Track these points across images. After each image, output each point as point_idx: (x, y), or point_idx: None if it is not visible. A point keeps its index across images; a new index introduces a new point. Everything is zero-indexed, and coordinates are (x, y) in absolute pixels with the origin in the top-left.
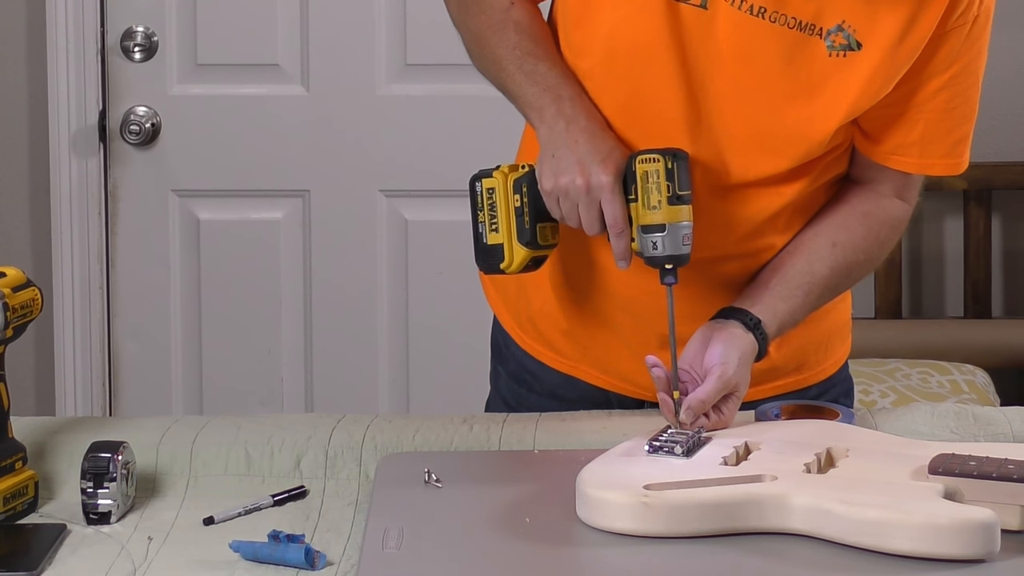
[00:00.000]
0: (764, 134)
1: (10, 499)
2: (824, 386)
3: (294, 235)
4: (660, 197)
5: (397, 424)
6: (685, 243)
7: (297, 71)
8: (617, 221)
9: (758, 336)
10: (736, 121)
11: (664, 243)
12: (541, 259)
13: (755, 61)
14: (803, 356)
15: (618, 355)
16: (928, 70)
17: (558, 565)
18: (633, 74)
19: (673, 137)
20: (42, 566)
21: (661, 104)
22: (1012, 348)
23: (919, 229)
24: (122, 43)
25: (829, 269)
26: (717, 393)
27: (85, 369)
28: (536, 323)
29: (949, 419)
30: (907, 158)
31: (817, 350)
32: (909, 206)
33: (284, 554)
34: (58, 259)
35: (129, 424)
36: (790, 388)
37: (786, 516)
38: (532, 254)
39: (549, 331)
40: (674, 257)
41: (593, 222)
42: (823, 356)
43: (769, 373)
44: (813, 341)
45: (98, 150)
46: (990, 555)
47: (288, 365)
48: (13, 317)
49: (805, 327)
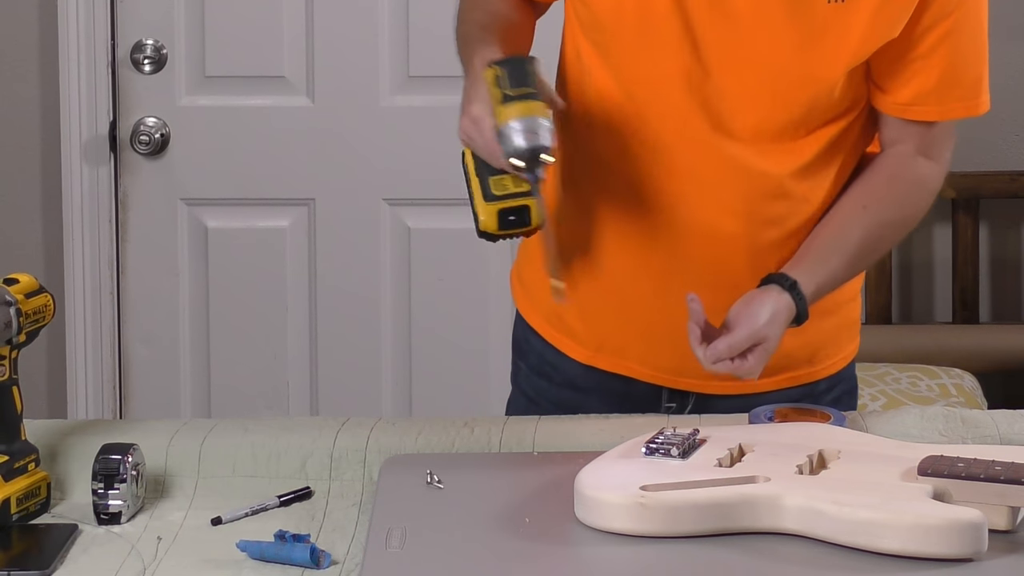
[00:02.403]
0: (771, 84)
1: (23, 500)
2: (833, 380)
3: (300, 242)
4: (496, 104)
5: (400, 427)
6: (531, 137)
7: (303, 83)
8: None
9: (795, 296)
10: (743, 74)
11: (506, 141)
12: (517, 216)
13: (759, 14)
14: (814, 348)
15: (633, 335)
16: (932, 11)
17: (557, 564)
18: (639, 35)
19: (678, 96)
20: (54, 565)
21: (667, 62)
22: (999, 352)
23: (909, 237)
24: (132, 56)
25: (862, 231)
26: (744, 341)
27: (96, 373)
28: (558, 311)
29: (938, 422)
30: (927, 107)
31: (827, 343)
32: (938, 164)
33: (290, 554)
34: (70, 266)
35: (139, 427)
36: (802, 380)
37: (779, 516)
38: (497, 207)
39: (570, 318)
40: (518, 152)
41: (482, 150)
42: (834, 350)
43: (782, 363)
44: (824, 334)
45: (109, 160)
46: (978, 555)
47: (294, 369)
48: (26, 322)
49: (818, 320)
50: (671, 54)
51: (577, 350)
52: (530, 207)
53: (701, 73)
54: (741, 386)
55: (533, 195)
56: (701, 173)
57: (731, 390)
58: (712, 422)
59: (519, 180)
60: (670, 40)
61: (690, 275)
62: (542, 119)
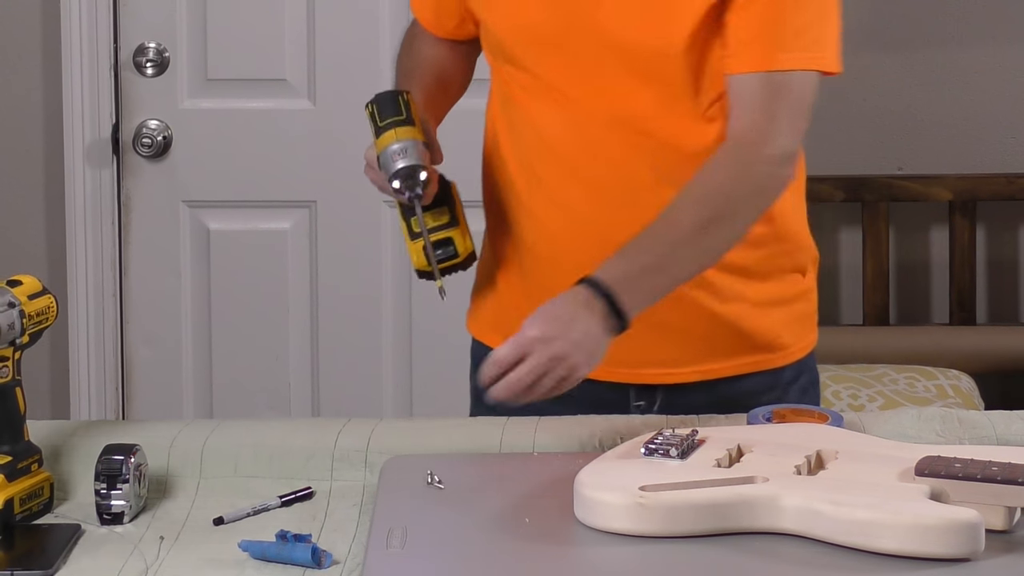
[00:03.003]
0: (623, 50)
1: (26, 500)
2: (797, 369)
3: (301, 244)
4: (373, 138)
5: (401, 427)
6: (396, 160)
7: (304, 86)
8: (372, 172)
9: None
10: (604, 40)
11: (384, 169)
12: (443, 248)
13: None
14: (772, 335)
15: None
16: None
17: (556, 564)
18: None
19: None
20: (57, 565)
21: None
22: (996, 354)
23: (906, 239)
24: (134, 59)
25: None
26: (510, 352)
27: (99, 374)
28: (516, 326)
29: (935, 422)
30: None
31: (783, 332)
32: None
33: (291, 553)
34: (73, 268)
35: (141, 427)
36: (764, 366)
37: (777, 516)
38: (421, 243)
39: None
40: (392, 175)
41: (381, 184)
42: (791, 339)
43: (742, 346)
44: (778, 323)
45: (111, 162)
46: (975, 554)
47: (295, 370)
48: (29, 324)
49: (776, 307)
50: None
51: None
52: (453, 238)
53: (580, 69)
54: (705, 372)
55: (453, 225)
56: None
57: (694, 377)
58: (710, 423)
59: (438, 214)
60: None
61: None
62: (409, 140)
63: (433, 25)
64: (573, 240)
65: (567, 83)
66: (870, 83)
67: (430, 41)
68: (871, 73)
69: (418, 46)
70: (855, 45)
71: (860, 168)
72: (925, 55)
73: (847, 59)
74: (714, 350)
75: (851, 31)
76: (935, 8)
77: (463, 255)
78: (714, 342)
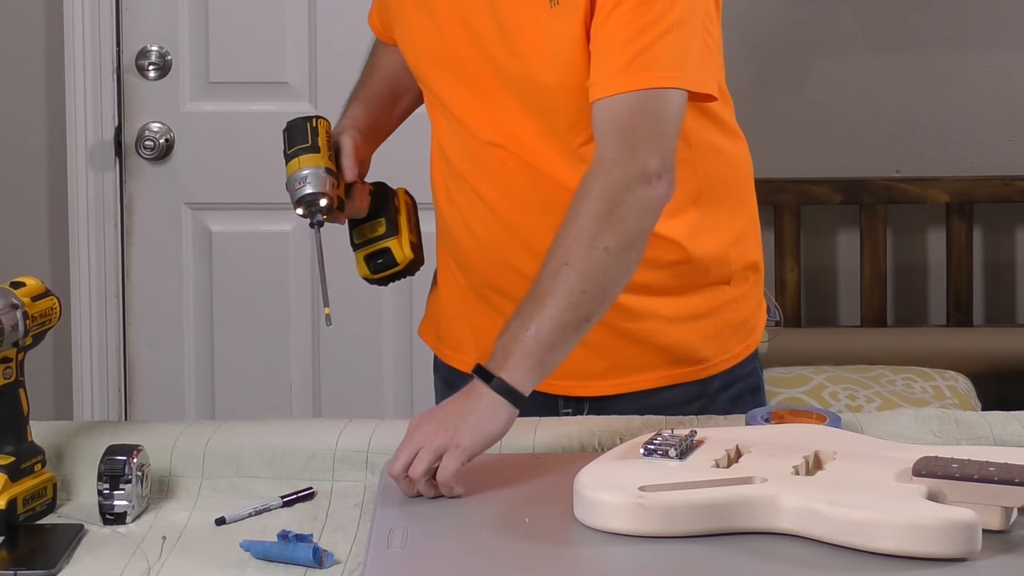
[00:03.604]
0: (508, 79)
1: (30, 500)
2: (727, 379)
3: (302, 246)
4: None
5: (401, 428)
6: (298, 187)
7: (305, 88)
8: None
9: (484, 377)
10: (491, 67)
11: (290, 195)
12: (383, 258)
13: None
14: (691, 348)
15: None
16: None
17: (556, 564)
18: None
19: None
20: (60, 565)
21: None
22: (993, 355)
23: (904, 241)
24: (137, 62)
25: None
26: (404, 454)
27: (101, 375)
28: (456, 336)
29: (932, 423)
30: (605, 80)
31: (704, 344)
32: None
33: (293, 553)
34: (76, 269)
35: (144, 428)
36: (689, 378)
37: (775, 516)
38: (362, 253)
39: (458, 332)
40: (297, 201)
41: None
42: (715, 351)
43: (662, 360)
44: (697, 335)
45: (114, 165)
46: (971, 554)
47: (297, 371)
48: (32, 325)
49: (693, 321)
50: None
51: (467, 363)
52: (391, 248)
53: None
54: (626, 385)
55: (390, 235)
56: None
57: (616, 389)
58: (709, 423)
59: (374, 226)
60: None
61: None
62: (311, 168)
63: (381, 33)
64: (496, 241)
65: (459, 105)
66: (868, 87)
67: (385, 49)
68: (869, 77)
69: (376, 53)
70: (853, 48)
71: (858, 171)
72: (923, 59)
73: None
74: (633, 365)
75: (849, 35)
76: (933, 12)
77: (402, 263)
78: (632, 357)
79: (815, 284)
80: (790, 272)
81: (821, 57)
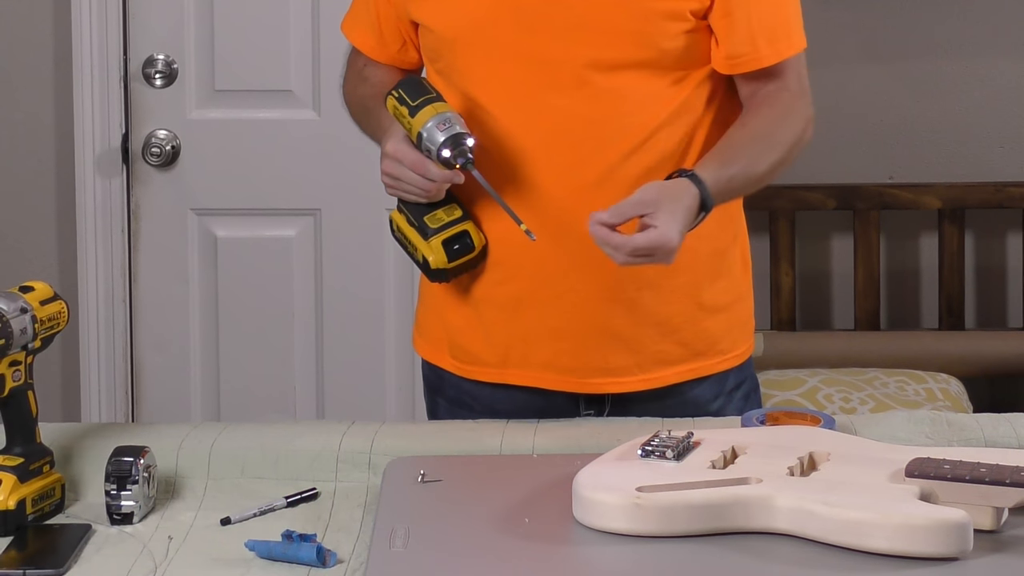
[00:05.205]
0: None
1: (38, 501)
2: (739, 376)
3: (306, 251)
4: (405, 121)
5: (403, 430)
6: (444, 127)
7: (309, 96)
8: (406, 157)
9: (694, 181)
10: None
11: (427, 143)
12: (460, 243)
13: None
14: (709, 341)
15: (534, 340)
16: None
17: (556, 563)
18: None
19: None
20: (68, 564)
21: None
22: (984, 358)
23: (897, 246)
24: (144, 70)
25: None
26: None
27: (109, 378)
28: (460, 343)
29: (925, 425)
30: (745, 58)
31: (721, 338)
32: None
33: (297, 553)
34: (83, 274)
35: (151, 430)
36: (705, 372)
37: (771, 516)
38: (440, 239)
39: (471, 344)
40: (441, 144)
41: (410, 180)
42: (729, 345)
43: (682, 354)
44: (717, 328)
45: (121, 171)
46: (963, 554)
47: (301, 374)
48: (41, 329)
49: (709, 315)
50: (508, 58)
51: (486, 372)
52: (469, 231)
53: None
54: (651, 381)
55: (466, 219)
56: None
57: (641, 385)
58: (705, 425)
59: (451, 209)
60: (504, 43)
61: (578, 269)
62: (449, 113)
63: (376, 51)
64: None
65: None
66: (862, 94)
67: (380, 69)
68: (863, 84)
69: (370, 73)
70: (847, 56)
71: (852, 177)
72: (916, 66)
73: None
74: (660, 359)
75: (843, 43)
76: (926, 20)
77: (478, 247)
78: (659, 353)
79: (809, 288)
80: (785, 276)
81: (815, 65)
